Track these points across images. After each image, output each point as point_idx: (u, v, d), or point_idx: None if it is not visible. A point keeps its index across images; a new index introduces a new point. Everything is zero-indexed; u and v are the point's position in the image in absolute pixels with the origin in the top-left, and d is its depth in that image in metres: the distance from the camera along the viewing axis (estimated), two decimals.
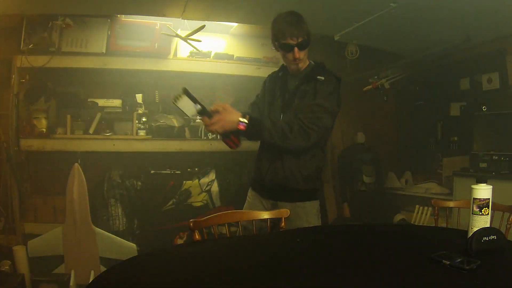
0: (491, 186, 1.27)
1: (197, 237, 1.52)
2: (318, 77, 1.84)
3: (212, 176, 3.85)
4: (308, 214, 1.91)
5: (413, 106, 4.45)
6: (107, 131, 3.57)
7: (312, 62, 1.93)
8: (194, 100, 1.67)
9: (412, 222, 3.85)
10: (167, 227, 3.58)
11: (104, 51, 3.48)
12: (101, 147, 3.51)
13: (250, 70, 3.85)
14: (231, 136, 1.76)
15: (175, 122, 3.73)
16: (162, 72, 3.69)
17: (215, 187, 3.83)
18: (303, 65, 1.88)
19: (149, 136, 3.64)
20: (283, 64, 1.99)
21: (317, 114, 1.76)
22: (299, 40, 1.77)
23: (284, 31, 1.78)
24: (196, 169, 3.86)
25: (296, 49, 1.78)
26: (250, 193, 2.05)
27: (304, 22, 1.80)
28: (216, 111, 1.70)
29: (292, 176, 1.87)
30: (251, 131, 1.72)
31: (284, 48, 1.81)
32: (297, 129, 1.73)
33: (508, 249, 1.24)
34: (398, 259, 1.24)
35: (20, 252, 3.08)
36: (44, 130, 3.40)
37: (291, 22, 1.79)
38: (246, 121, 1.70)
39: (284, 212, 1.74)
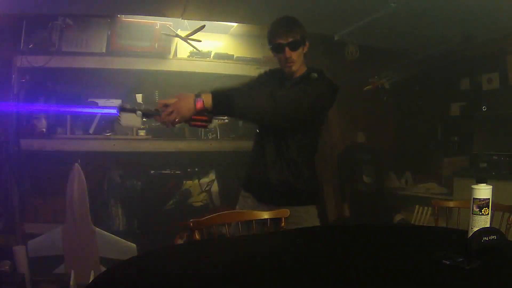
0: (491, 186, 1.27)
1: (197, 237, 1.52)
2: (312, 74, 1.82)
3: (212, 176, 3.84)
4: (312, 218, 1.87)
5: (413, 106, 4.46)
6: (107, 131, 3.57)
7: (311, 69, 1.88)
8: (133, 110, 1.64)
9: (412, 222, 3.84)
10: (167, 227, 3.58)
11: (104, 51, 3.47)
12: (101, 147, 3.50)
13: (250, 70, 3.83)
14: (194, 117, 1.60)
15: None
16: (162, 72, 3.68)
17: (215, 187, 3.83)
18: (296, 67, 1.82)
19: (149, 136, 3.64)
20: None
21: (299, 94, 1.69)
22: (290, 40, 1.76)
23: (275, 32, 1.80)
24: (196, 169, 3.85)
25: (287, 48, 1.76)
26: (245, 195, 1.97)
27: (298, 25, 1.80)
28: (166, 105, 1.57)
29: (300, 175, 1.82)
30: (216, 104, 1.55)
31: (275, 48, 1.80)
32: (284, 100, 1.65)
33: (508, 249, 1.24)
34: (398, 259, 1.24)
35: (20, 252, 3.08)
36: (44, 130, 3.40)
37: (283, 23, 1.80)
38: (202, 97, 1.54)
39: (284, 212, 1.73)
